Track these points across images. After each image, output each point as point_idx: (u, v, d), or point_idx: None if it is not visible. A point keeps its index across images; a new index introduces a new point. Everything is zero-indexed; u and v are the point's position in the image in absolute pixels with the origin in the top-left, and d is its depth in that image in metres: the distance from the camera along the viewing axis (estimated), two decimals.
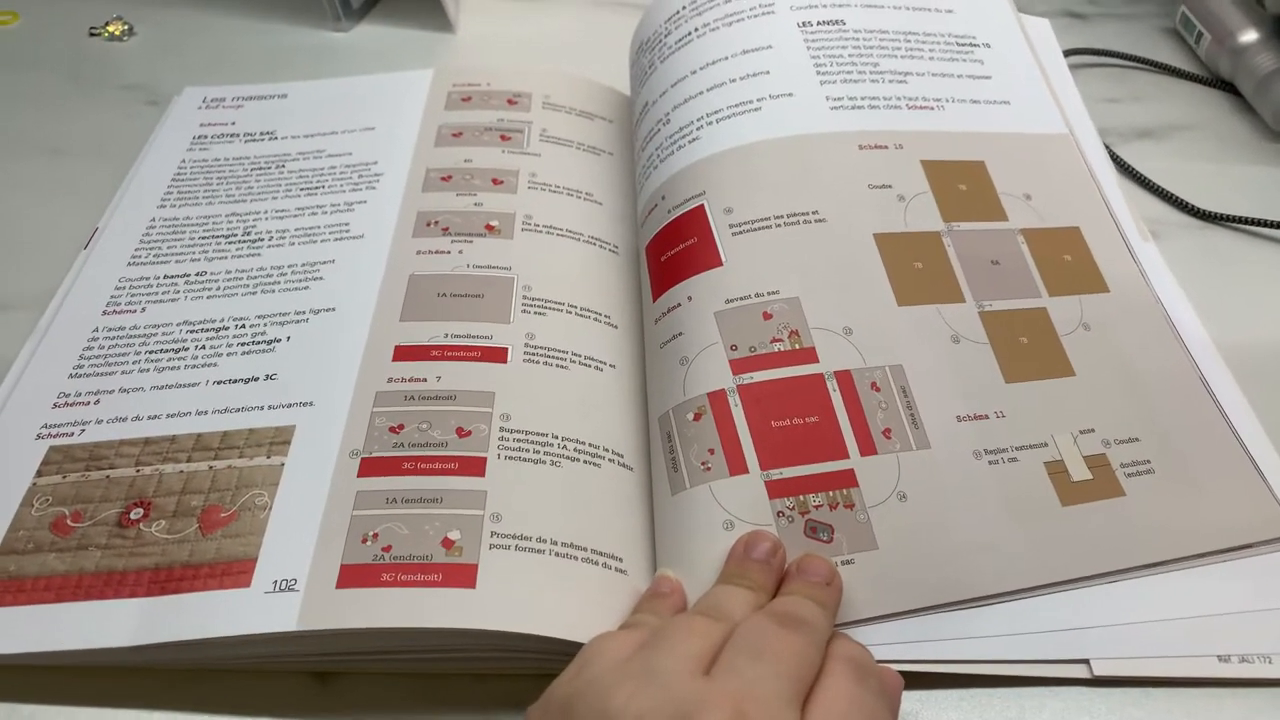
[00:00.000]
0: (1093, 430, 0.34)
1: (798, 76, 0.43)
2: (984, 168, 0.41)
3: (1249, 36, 0.54)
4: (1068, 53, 0.56)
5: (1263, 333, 0.41)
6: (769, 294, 0.36)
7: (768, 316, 0.35)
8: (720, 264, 0.37)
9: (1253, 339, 0.40)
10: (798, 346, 0.35)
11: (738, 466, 0.32)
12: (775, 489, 0.32)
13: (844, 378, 0.34)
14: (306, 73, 0.55)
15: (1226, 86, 0.56)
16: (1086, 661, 0.30)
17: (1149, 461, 0.33)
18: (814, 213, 0.38)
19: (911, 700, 0.30)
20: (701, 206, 0.39)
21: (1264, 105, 0.52)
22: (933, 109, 0.43)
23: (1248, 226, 0.47)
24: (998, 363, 0.35)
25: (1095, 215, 0.40)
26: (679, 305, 0.37)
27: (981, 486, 0.32)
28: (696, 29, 0.46)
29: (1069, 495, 0.32)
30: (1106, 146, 0.45)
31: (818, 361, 0.34)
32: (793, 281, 0.36)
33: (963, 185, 0.40)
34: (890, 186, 0.39)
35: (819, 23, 0.45)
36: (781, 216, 0.38)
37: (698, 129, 0.42)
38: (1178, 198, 0.48)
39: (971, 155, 0.41)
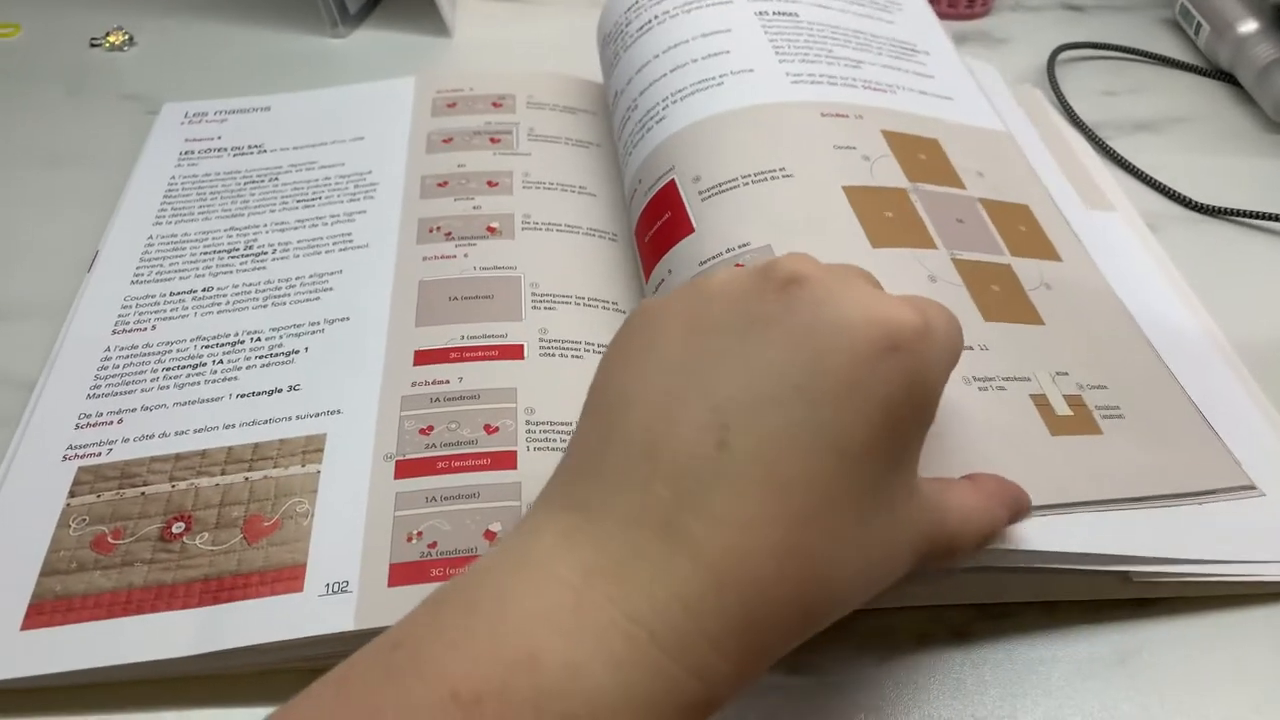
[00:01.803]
0: (1067, 374, 0.34)
1: (757, 55, 0.44)
2: (939, 145, 0.42)
3: (1248, 26, 0.54)
4: (1064, 47, 0.58)
5: (1265, 327, 0.41)
6: (739, 247, 0.36)
7: (738, 268, 0.36)
8: (692, 231, 0.38)
9: (1255, 333, 0.40)
10: None
11: None
12: None
13: None
14: (305, 79, 0.56)
15: (1226, 77, 0.56)
16: (1125, 573, 0.31)
17: (1118, 407, 0.34)
18: (780, 169, 0.38)
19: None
20: (672, 181, 0.40)
21: (1264, 96, 0.53)
22: (886, 92, 0.44)
23: (1248, 220, 0.47)
24: (975, 303, 0.36)
25: (1041, 200, 0.42)
26: (663, 281, 0.38)
27: (975, 411, 0.32)
28: (656, 16, 0.47)
29: (1056, 427, 0.33)
30: (1101, 141, 0.46)
31: None
32: (763, 232, 0.36)
33: (922, 155, 0.41)
34: (854, 148, 0.40)
35: (774, 12, 0.47)
36: (748, 175, 0.38)
37: (664, 109, 0.43)
38: (1176, 191, 0.49)
39: (926, 134, 0.43)
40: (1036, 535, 0.30)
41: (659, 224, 0.39)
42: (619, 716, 0.20)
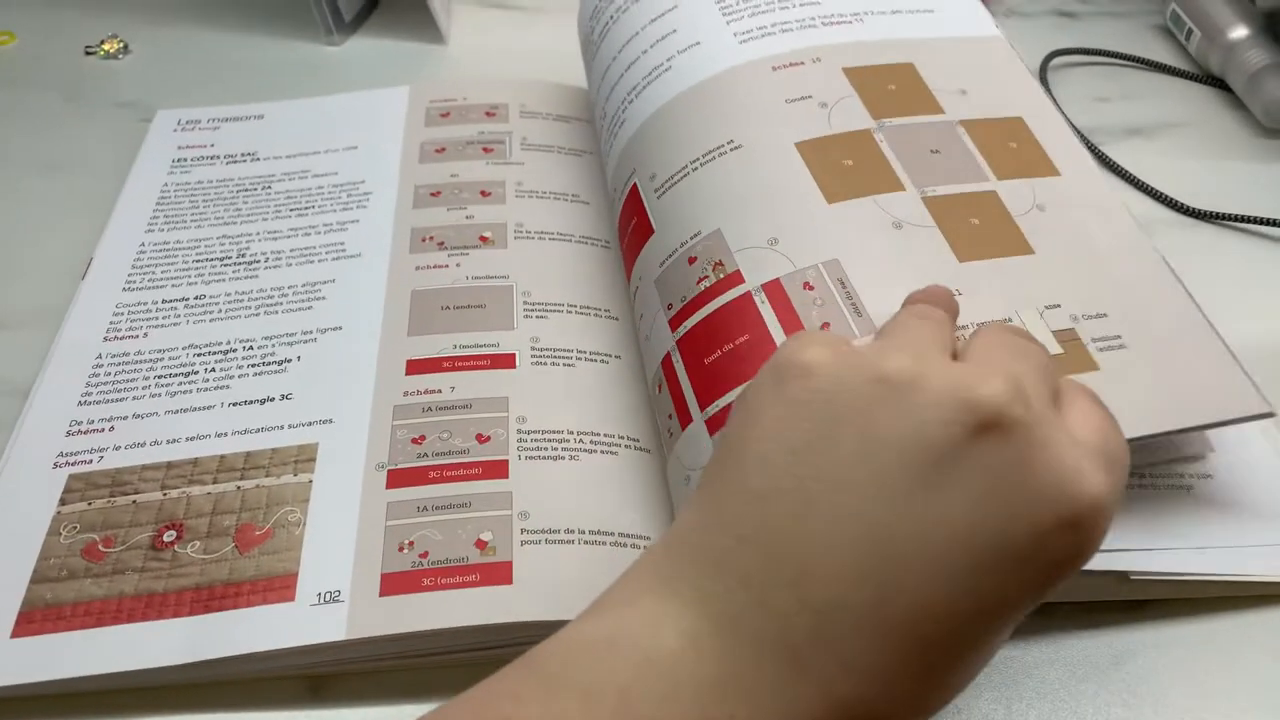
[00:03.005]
0: (1059, 306, 0.32)
1: (703, 24, 0.42)
2: (913, 69, 0.39)
3: (1239, 32, 0.55)
4: (1056, 53, 0.58)
5: (1257, 331, 0.41)
6: (691, 238, 0.35)
7: (692, 261, 0.35)
8: (653, 232, 0.37)
9: (1247, 338, 0.39)
10: (722, 276, 0.33)
11: (685, 419, 0.32)
12: (715, 423, 0.31)
13: (772, 287, 0.32)
14: (300, 87, 0.56)
15: (1217, 83, 0.57)
16: (1124, 574, 0.31)
17: (1120, 336, 0.32)
18: (729, 143, 0.37)
19: None
20: (634, 186, 0.39)
21: (1255, 101, 0.53)
22: (850, 23, 0.41)
23: (1240, 224, 0.47)
24: (948, 243, 0.33)
25: (1038, 107, 0.39)
26: (637, 289, 0.38)
27: None
28: (611, 16, 0.46)
29: None
30: (1094, 147, 0.46)
31: (743, 282, 0.33)
32: (712, 217, 0.35)
33: (892, 86, 0.39)
34: (810, 97, 0.38)
35: None
36: (697, 160, 0.37)
37: (623, 111, 0.42)
38: (1168, 197, 0.49)
39: (898, 59, 0.39)
40: None
41: (629, 230, 0.39)
42: None
